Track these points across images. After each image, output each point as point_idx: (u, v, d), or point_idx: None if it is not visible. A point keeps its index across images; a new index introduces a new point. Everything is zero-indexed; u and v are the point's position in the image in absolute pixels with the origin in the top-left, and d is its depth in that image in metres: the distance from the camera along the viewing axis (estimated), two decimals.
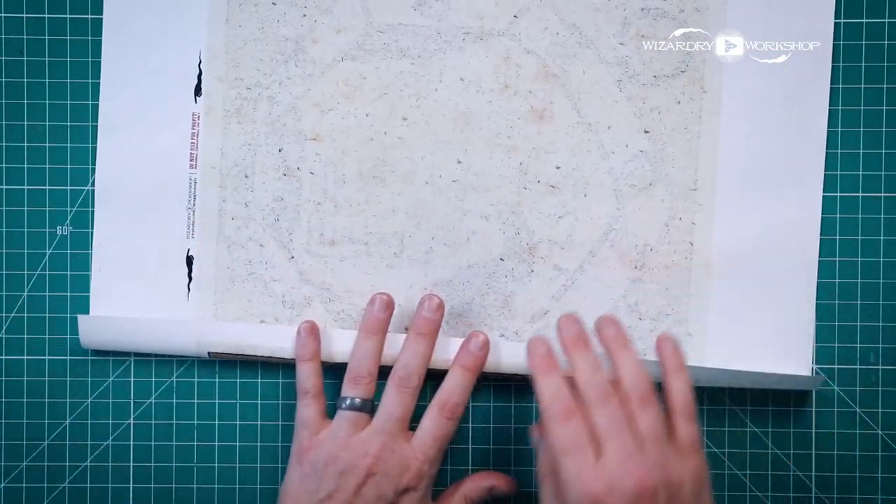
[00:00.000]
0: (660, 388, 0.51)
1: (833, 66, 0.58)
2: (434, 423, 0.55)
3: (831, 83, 0.58)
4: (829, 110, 0.58)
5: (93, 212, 0.59)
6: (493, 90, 0.58)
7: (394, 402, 0.55)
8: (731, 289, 0.58)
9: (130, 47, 0.58)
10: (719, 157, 0.57)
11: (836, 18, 0.57)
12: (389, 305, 0.56)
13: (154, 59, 0.58)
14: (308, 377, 0.56)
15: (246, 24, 0.58)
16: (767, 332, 0.58)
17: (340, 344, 0.58)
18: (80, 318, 0.58)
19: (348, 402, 0.55)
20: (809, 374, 0.58)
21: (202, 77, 0.58)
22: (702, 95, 0.57)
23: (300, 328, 0.57)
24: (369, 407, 0.55)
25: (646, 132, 0.58)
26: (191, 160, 0.58)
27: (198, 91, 0.58)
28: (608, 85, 0.58)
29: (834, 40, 0.58)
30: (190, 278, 0.59)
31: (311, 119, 0.58)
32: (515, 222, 0.58)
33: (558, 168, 0.58)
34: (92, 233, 0.59)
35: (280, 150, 0.58)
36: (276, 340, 0.58)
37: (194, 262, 0.59)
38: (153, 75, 0.58)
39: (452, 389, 0.55)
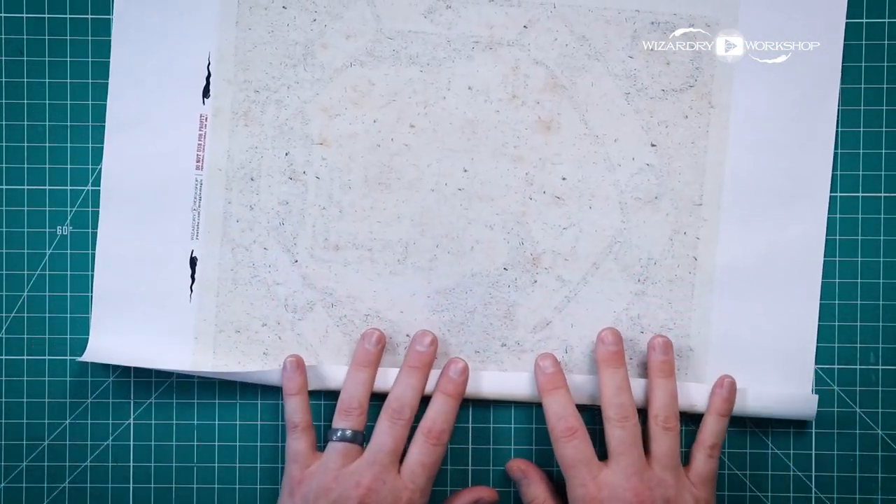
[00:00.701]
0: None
1: None
2: (421, 451, 0.55)
3: None
4: None
5: (93, 212, 0.59)
6: (501, 100, 0.58)
7: (385, 433, 0.55)
8: (733, 304, 0.58)
9: (140, 48, 0.58)
10: (725, 173, 0.58)
11: None
12: (381, 340, 0.57)
13: (163, 61, 0.58)
14: (296, 411, 0.56)
15: (256, 27, 0.58)
16: (769, 349, 0.58)
17: (335, 373, 0.58)
18: (79, 360, 0.58)
19: (339, 433, 0.55)
20: (810, 391, 0.58)
21: (211, 79, 0.58)
22: (709, 110, 0.58)
23: (286, 362, 0.57)
24: (360, 439, 0.55)
25: (653, 146, 0.58)
26: (197, 161, 0.58)
27: (206, 93, 0.58)
28: (616, 97, 0.58)
29: None
30: (193, 279, 0.59)
31: (319, 124, 0.58)
32: (520, 232, 0.58)
33: (564, 179, 0.58)
34: (91, 233, 0.59)
35: (287, 154, 0.58)
36: (273, 379, 0.58)
37: (198, 263, 0.59)
38: (162, 76, 0.58)
39: (436, 416, 0.56)
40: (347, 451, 0.55)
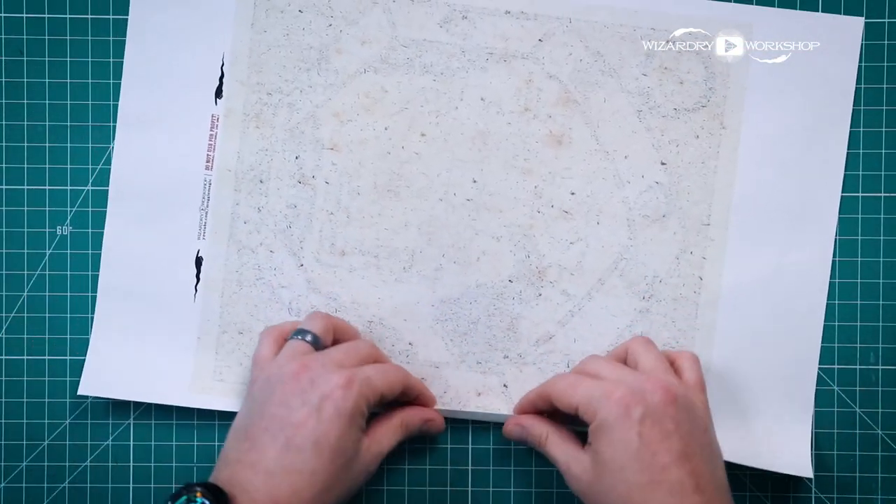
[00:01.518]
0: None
1: None
2: (375, 368, 0.53)
3: None
4: None
5: (93, 212, 0.59)
6: (513, 112, 0.58)
7: (341, 350, 0.53)
8: (737, 325, 0.58)
9: (154, 47, 0.58)
10: (734, 194, 0.58)
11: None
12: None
13: (177, 60, 0.58)
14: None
15: (271, 29, 0.57)
16: (771, 371, 0.58)
17: None
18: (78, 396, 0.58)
19: (300, 335, 0.54)
20: (811, 412, 0.58)
21: (224, 80, 0.58)
22: (721, 131, 0.58)
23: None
24: (319, 346, 0.54)
25: (662, 164, 0.58)
26: (207, 162, 0.58)
27: (218, 93, 0.58)
28: (628, 114, 0.58)
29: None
30: (198, 279, 0.58)
31: (330, 128, 0.58)
32: (526, 245, 0.58)
33: (573, 194, 0.58)
34: (92, 233, 0.59)
35: (296, 158, 0.58)
36: None
37: (203, 263, 0.58)
38: (175, 75, 0.58)
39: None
40: (302, 347, 0.53)
